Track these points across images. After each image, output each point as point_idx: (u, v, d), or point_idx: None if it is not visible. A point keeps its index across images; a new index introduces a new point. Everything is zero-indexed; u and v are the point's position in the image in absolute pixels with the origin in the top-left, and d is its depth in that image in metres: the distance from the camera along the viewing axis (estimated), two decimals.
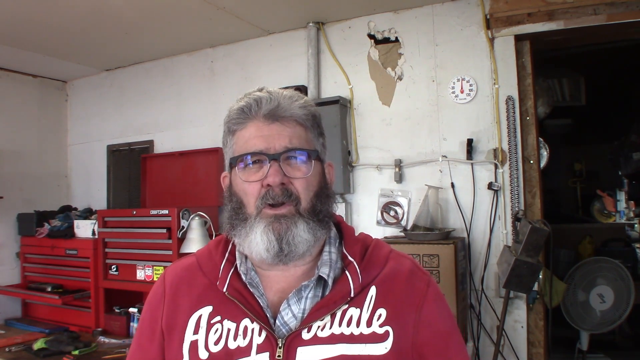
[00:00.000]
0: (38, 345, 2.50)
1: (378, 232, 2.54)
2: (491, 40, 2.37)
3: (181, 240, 2.61)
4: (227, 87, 3.07)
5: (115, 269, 2.85)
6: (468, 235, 2.37)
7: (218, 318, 0.87)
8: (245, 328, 0.85)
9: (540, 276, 2.18)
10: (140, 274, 2.73)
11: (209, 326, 0.87)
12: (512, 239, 2.25)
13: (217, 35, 2.95)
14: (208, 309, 0.88)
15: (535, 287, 2.19)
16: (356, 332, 0.84)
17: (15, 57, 3.15)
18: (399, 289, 0.88)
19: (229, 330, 0.86)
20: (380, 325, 0.85)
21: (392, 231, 2.54)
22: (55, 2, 2.35)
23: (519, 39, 2.35)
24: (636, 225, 4.80)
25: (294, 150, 0.86)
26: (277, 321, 0.85)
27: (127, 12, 2.52)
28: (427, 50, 2.52)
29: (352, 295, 0.86)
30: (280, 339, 0.83)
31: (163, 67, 3.32)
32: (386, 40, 2.63)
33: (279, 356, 0.82)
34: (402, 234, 2.44)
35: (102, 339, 2.68)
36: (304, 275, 0.90)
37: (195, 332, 0.87)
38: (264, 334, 0.84)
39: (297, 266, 0.89)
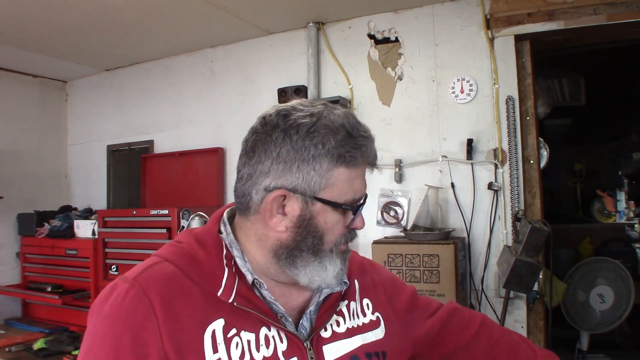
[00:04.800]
0: (38, 345, 2.50)
1: (378, 232, 2.54)
2: (491, 40, 2.37)
3: None
4: (227, 87, 3.07)
5: (115, 269, 2.85)
6: (468, 235, 2.37)
7: (234, 331, 0.80)
8: (266, 336, 0.82)
9: (540, 276, 2.18)
10: None
11: (227, 341, 0.79)
12: (512, 239, 2.25)
13: (217, 35, 2.95)
14: (220, 322, 0.80)
15: (535, 287, 2.19)
16: (360, 322, 0.94)
17: (15, 57, 3.15)
18: (366, 279, 1.02)
19: (249, 341, 0.81)
20: (372, 313, 0.97)
21: (392, 231, 2.54)
22: (55, 2, 2.35)
23: (519, 39, 2.35)
24: (636, 225, 4.79)
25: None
26: (300, 326, 0.88)
27: (127, 12, 2.52)
28: (427, 50, 2.52)
29: (342, 292, 0.94)
30: (306, 342, 0.85)
31: (163, 67, 3.32)
32: (386, 40, 2.63)
33: (312, 358, 0.84)
34: (402, 234, 2.44)
35: None
36: None
37: (215, 350, 0.78)
38: (285, 339, 0.83)
39: None
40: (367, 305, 0.98)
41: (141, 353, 0.74)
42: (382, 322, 0.97)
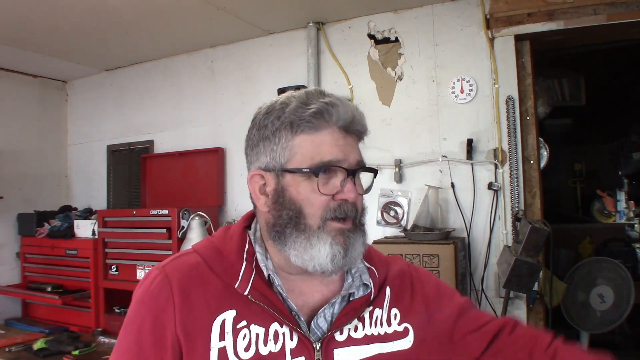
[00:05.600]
0: (38, 345, 2.50)
1: (378, 232, 2.54)
2: (491, 40, 2.37)
3: (181, 240, 2.61)
4: (227, 87, 3.07)
5: (115, 269, 2.85)
6: (468, 235, 2.37)
7: (244, 323, 0.83)
8: (276, 332, 0.83)
9: (540, 276, 2.18)
10: (140, 274, 2.73)
11: (236, 331, 0.82)
12: (512, 239, 2.25)
13: (217, 35, 2.95)
14: (231, 313, 0.83)
15: (535, 287, 2.19)
16: (382, 331, 0.90)
17: (15, 57, 3.15)
18: (402, 287, 0.96)
19: (257, 335, 0.82)
20: (399, 324, 0.92)
21: (392, 231, 2.54)
22: (55, 2, 2.35)
23: (519, 39, 2.35)
24: (636, 225, 4.79)
25: (365, 166, 0.88)
26: (312, 325, 0.86)
27: (127, 12, 2.52)
28: (427, 50, 2.52)
29: (371, 298, 0.91)
30: (315, 343, 0.83)
31: (163, 67, 3.32)
32: (386, 40, 2.63)
33: (318, 359, 0.83)
34: (402, 234, 2.44)
35: (102, 339, 2.68)
36: (324, 280, 0.90)
37: (222, 338, 0.81)
38: (295, 337, 0.83)
39: None
40: (395, 315, 0.93)
41: (159, 334, 0.81)
42: (411, 333, 0.92)
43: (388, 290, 0.94)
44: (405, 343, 0.91)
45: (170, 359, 0.81)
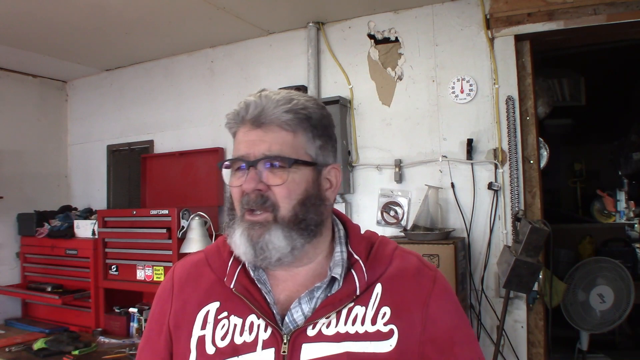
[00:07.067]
0: (38, 345, 2.50)
1: (378, 232, 2.53)
2: (491, 40, 2.37)
3: (181, 240, 2.61)
4: (227, 87, 3.07)
5: (115, 269, 2.85)
6: (468, 235, 2.37)
7: (225, 314, 0.89)
8: (252, 324, 0.87)
9: (540, 276, 2.18)
10: (140, 274, 2.73)
11: (216, 322, 0.89)
12: (512, 239, 2.25)
13: (217, 35, 2.95)
14: (215, 304, 0.91)
15: (535, 287, 2.19)
16: (361, 330, 0.85)
17: (15, 57, 3.15)
18: (404, 287, 0.89)
19: (235, 325, 0.88)
20: (385, 324, 0.86)
21: (392, 231, 2.54)
22: (55, 2, 2.35)
23: (519, 39, 2.35)
24: (636, 225, 4.80)
25: (272, 157, 0.84)
26: (286, 318, 0.87)
27: (127, 12, 2.52)
28: (427, 50, 2.52)
29: (357, 293, 0.87)
30: (285, 335, 0.85)
31: (163, 67, 3.32)
32: (386, 40, 2.63)
33: (284, 352, 0.84)
34: (402, 234, 2.44)
35: (102, 339, 2.68)
36: (311, 274, 0.91)
37: (203, 327, 0.89)
38: (269, 330, 0.86)
39: (298, 267, 0.91)
40: (384, 314, 0.86)
41: (160, 323, 0.95)
42: (395, 337, 0.85)
43: (379, 287, 0.88)
44: (385, 346, 0.84)
45: (162, 343, 0.93)
